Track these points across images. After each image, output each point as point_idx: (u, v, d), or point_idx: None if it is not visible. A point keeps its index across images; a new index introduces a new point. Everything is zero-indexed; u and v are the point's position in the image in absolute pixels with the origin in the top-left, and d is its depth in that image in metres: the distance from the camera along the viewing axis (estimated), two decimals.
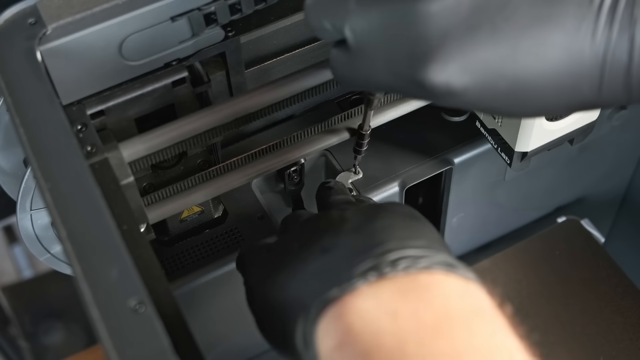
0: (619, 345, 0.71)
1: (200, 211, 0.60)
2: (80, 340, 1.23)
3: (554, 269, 0.76)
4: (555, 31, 0.34)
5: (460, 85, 0.36)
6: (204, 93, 0.56)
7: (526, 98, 0.36)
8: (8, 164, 0.57)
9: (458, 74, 0.36)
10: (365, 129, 0.58)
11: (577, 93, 0.35)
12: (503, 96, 0.36)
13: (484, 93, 0.36)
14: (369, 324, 0.34)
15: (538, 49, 0.35)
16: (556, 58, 0.35)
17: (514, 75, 0.35)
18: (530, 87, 0.36)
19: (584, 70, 0.35)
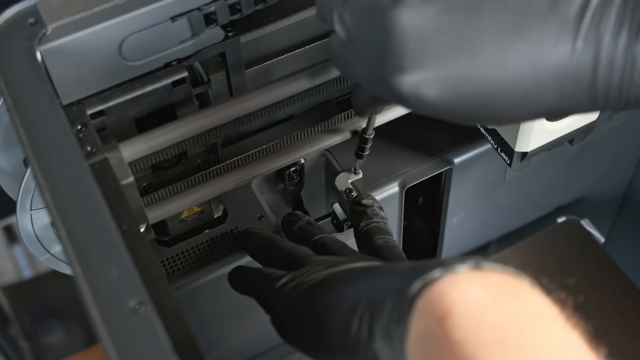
0: (619, 345, 0.71)
1: (200, 211, 0.60)
2: (80, 340, 1.23)
3: (554, 269, 0.76)
4: (519, 41, 0.35)
5: (429, 93, 0.37)
6: (204, 93, 0.56)
7: (493, 106, 0.37)
8: (8, 164, 0.57)
9: (426, 82, 0.37)
10: (369, 134, 0.58)
11: (543, 102, 0.36)
12: (471, 104, 0.37)
13: (452, 101, 0.37)
14: (473, 304, 0.34)
15: (502, 58, 0.35)
16: (520, 67, 0.35)
17: (480, 84, 0.36)
18: (496, 95, 0.36)
19: (548, 80, 0.35)
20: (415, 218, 0.78)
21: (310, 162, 0.64)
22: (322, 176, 0.66)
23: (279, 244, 0.51)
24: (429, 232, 0.78)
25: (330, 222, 0.62)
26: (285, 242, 0.52)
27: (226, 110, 0.51)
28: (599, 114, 0.62)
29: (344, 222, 0.61)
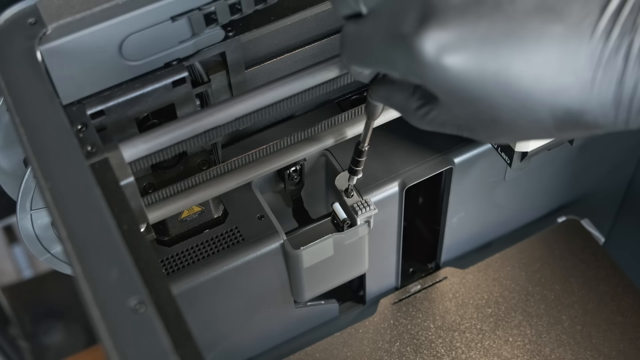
0: (619, 345, 0.71)
1: (200, 211, 0.60)
2: (80, 340, 1.23)
3: (554, 269, 0.76)
4: (556, 22, 0.34)
5: (451, 58, 0.35)
6: (204, 93, 0.56)
7: (511, 90, 0.35)
8: (8, 164, 0.57)
9: (452, 44, 0.35)
10: (364, 146, 0.56)
11: (565, 95, 0.34)
12: (489, 85, 0.35)
13: (471, 77, 0.35)
14: None
15: (535, 37, 0.34)
16: (551, 49, 0.34)
17: (505, 63, 0.34)
18: (518, 77, 0.34)
19: (577, 68, 0.34)
20: (415, 218, 0.78)
21: (310, 162, 0.64)
22: (322, 176, 0.66)
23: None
24: (429, 232, 0.78)
25: (330, 222, 0.62)
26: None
27: (226, 110, 0.51)
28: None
29: (344, 222, 0.61)
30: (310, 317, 0.72)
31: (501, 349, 0.71)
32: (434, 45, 0.35)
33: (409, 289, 0.75)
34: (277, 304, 0.67)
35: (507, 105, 0.36)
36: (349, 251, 0.63)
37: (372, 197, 0.62)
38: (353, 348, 0.71)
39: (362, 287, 0.74)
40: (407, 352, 0.71)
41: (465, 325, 0.72)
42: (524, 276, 0.75)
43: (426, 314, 0.73)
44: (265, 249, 0.60)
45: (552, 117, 0.35)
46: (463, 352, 0.71)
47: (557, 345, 0.71)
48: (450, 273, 0.76)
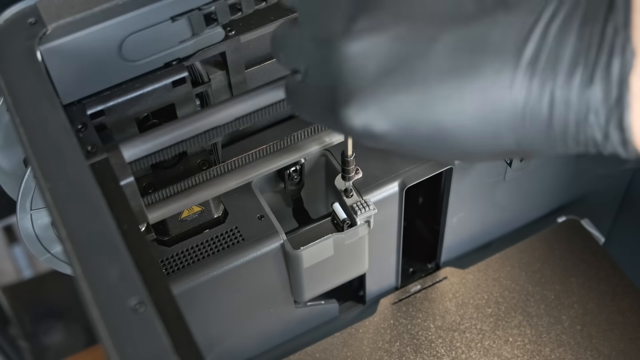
0: (619, 345, 0.71)
1: (200, 211, 0.60)
2: (80, 340, 1.23)
3: (554, 269, 0.76)
4: (473, 81, 0.34)
5: (379, 129, 0.36)
6: (204, 93, 0.56)
7: (447, 144, 0.36)
8: (8, 164, 0.57)
9: (376, 118, 0.36)
10: (349, 155, 0.57)
11: (497, 143, 0.35)
12: (424, 141, 0.36)
13: (404, 137, 0.36)
14: None
15: (455, 97, 0.34)
16: (473, 107, 0.34)
17: (432, 122, 0.35)
18: (450, 134, 0.35)
19: (503, 121, 0.34)
20: (415, 218, 0.78)
21: (310, 162, 0.64)
22: (322, 176, 0.66)
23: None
24: (429, 232, 0.78)
25: (330, 222, 0.62)
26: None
27: (226, 110, 0.51)
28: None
29: (343, 222, 0.61)
30: (310, 317, 0.72)
31: (501, 349, 0.71)
32: (360, 123, 0.36)
33: (409, 289, 0.75)
34: (277, 304, 0.67)
35: (444, 153, 0.37)
36: (349, 251, 0.63)
37: (372, 197, 0.62)
38: (353, 348, 0.71)
39: (362, 287, 0.74)
40: (407, 352, 0.71)
41: (465, 325, 0.72)
42: (524, 276, 0.75)
43: (426, 314, 0.73)
44: (265, 249, 0.60)
45: (491, 156, 0.36)
46: (463, 352, 0.71)
47: (557, 345, 0.71)
48: (450, 273, 0.76)
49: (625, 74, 0.31)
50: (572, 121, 0.33)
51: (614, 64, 0.31)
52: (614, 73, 0.31)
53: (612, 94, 0.32)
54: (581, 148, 0.34)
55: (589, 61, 0.32)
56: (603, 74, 0.32)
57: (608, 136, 0.33)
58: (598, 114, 0.32)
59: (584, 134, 0.33)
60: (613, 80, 0.31)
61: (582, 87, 0.32)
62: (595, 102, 0.32)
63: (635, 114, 0.32)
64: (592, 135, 0.33)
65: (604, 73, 0.32)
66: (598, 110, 0.32)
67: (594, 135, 0.33)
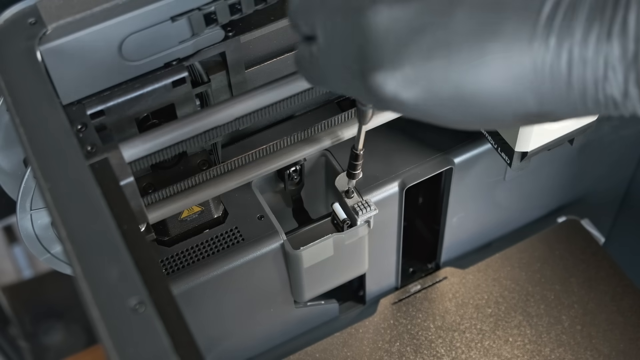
0: (619, 345, 0.71)
1: (200, 211, 0.60)
2: (80, 340, 1.23)
3: (554, 269, 0.76)
4: (494, 40, 0.34)
5: (407, 95, 0.37)
6: (204, 93, 0.56)
7: (472, 108, 0.36)
8: (8, 164, 0.57)
9: (404, 85, 0.36)
10: (360, 149, 0.56)
11: (521, 104, 0.35)
12: (450, 107, 0.37)
13: (431, 103, 0.37)
14: None
15: (478, 58, 0.35)
16: (496, 67, 0.35)
17: (457, 86, 0.36)
18: (474, 97, 0.36)
19: (525, 80, 0.34)
20: (415, 218, 0.78)
21: (310, 162, 0.64)
22: (322, 176, 0.66)
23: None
24: (429, 232, 0.78)
25: (330, 222, 0.62)
26: None
27: (226, 110, 0.51)
28: (599, 114, 0.62)
29: (343, 222, 0.61)
30: (310, 317, 0.72)
31: (501, 349, 0.71)
32: (390, 90, 0.37)
33: (409, 289, 0.75)
34: (277, 304, 0.67)
35: (468, 118, 0.37)
36: (349, 251, 0.63)
37: (372, 198, 0.62)
38: (353, 348, 0.71)
39: (362, 287, 0.74)
40: (407, 352, 0.71)
41: (465, 325, 0.72)
42: (524, 276, 0.75)
43: (426, 314, 0.73)
44: (265, 249, 0.60)
45: (514, 119, 0.37)
46: (463, 352, 0.71)
47: (557, 345, 0.71)
48: (450, 273, 0.76)
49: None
50: (590, 79, 0.33)
51: (630, 19, 0.32)
52: (631, 29, 0.32)
53: (629, 51, 0.32)
54: (601, 109, 0.34)
55: (605, 17, 0.32)
56: (620, 30, 0.32)
57: (627, 94, 0.33)
58: (616, 72, 0.32)
59: (603, 92, 0.33)
60: (630, 36, 0.32)
61: (599, 44, 0.32)
62: (613, 60, 0.32)
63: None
64: (611, 93, 0.33)
65: (620, 29, 0.32)
66: (616, 67, 0.32)
67: (612, 94, 0.33)
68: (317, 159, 0.64)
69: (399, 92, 0.37)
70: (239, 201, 0.62)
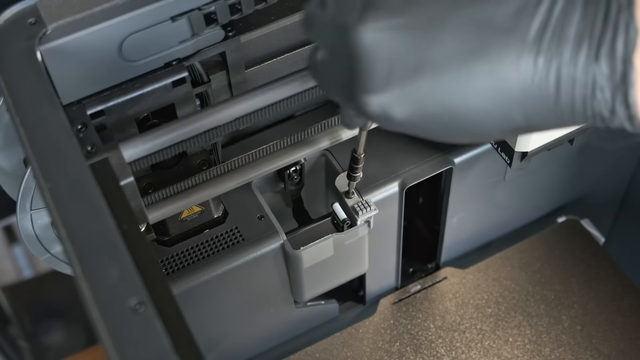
0: (619, 345, 0.71)
1: (200, 211, 0.60)
2: (80, 340, 1.23)
3: (554, 269, 0.76)
4: (481, 60, 0.34)
5: (394, 113, 0.37)
6: (204, 93, 0.56)
7: (460, 125, 0.37)
8: (8, 164, 0.57)
9: (391, 103, 0.37)
10: (360, 153, 0.56)
11: (508, 120, 0.36)
12: (438, 123, 0.37)
13: (419, 120, 0.37)
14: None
15: (465, 78, 0.35)
16: (484, 87, 0.35)
17: (445, 104, 0.36)
18: (462, 115, 0.36)
19: (513, 99, 0.35)
20: (415, 218, 0.78)
21: (310, 162, 0.64)
22: (322, 176, 0.66)
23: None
24: (429, 232, 0.78)
25: (330, 222, 0.62)
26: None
27: (226, 110, 0.51)
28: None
29: (343, 222, 0.61)
30: (310, 317, 0.72)
31: (501, 349, 0.71)
32: (377, 108, 0.37)
33: (409, 289, 0.75)
34: (277, 304, 0.67)
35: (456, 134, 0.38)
36: (349, 251, 0.63)
37: (372, 198, 0.62)
38: (353, 348, 0.71)
39: (362, 287, 0.74)
40: (407, 352, 0.71)
41: (465, 325, 0.72)
42: (524, 276, 0.75)
43: (426, 314, 0.73)
44: (265, 249, 0.60)
45: (501, 133, 0.37)
46: (463, 352, 0.71)
47: (557, 345, 0.71)
48: (450, 273, 0.76)
49: (629, 52, 0.32)
50: (578, 97, 0.34)
51: (618, 42, 0.32)
52: (618, 51, 0.32)
53: (617, 72, 0.32)
54: (589, 123, 0.35)
55: (594, 39, 0.32)
56: (608, 51, 0.32)
57: (614, 112, 0.33)
58: (604, 91, 0.33)
59: (591, 109, 0.34)
60: (617, 57, 0.32)
61: (587, 64, 0.33)
62: (601, 79, 0.33)
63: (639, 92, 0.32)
64: (599, 110, 0.34)
65: (608, 51, 0.32)
66: (604, 87, 0.33)
67: (600, 111, 0.34)
68: (317, 159, 0.64)
69: (387, 110, 0.37)
70: (239, 201, 0.62)
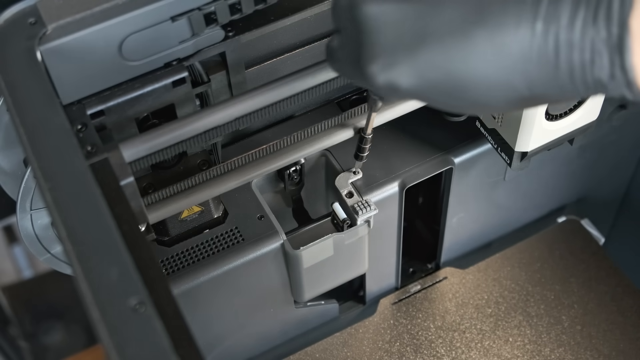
0: (619, 345, 0.71)
1: (200, 211, 0.60)
2: (80, 340, 1.23)
3: (554, 269, 0.76)
4: (480, 26, 0.35)
5: (401, 84, 0.38)
6: (204, 93, 0.56)
7: (465, 93, 0.37)
8: (8, 164, 0.57)
9: (398, 74, 0.38)
10: (368, 133, 0.58)
11: (512, 88, 0.36)
12: (443, 92, 0.38)
13: (425, 90, 0.38)
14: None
15: (466, 45, 0.36)
16: (485, 53, 0.35)
17: (450, 72, 0.37)
18: (466, 82, 0.37)
19: (514, 65, 0.35)
20: (415, 218, 0.78)
21: (310, 162, 0.64)
22: (322, 176, 0.66)
23: None
24: (429, 232, 0.78)
25: (330, 222, 0.62)
26: None
27: (226, 110, 0.51)
28: (599, 114, 0.62)
29: (343, 222, 0.61)
30: (310, 317, 0.72)
31: (501, 349, 0.71)
32: (384, 80, 0.39)
33: (409, 289, 0.75)
34: (277, 304, 0.67)
35: (462, 103, 0.38)
36: (349, 251, 0.63)
37: (372, 197, 0.62)
38: (353, 348, 0.71)
39: (362, 287, 0.74)
40: (407, 352, 0.71)
41: (465, 325, 0.72)
42: (524, 276, 0.75)
43: (426, 314, 0.73)
44: (265, 249, 0.60)
45: (507, 103, 0.37)
46: (463, 352, 0.71)
47: (557, 345, 0.71)
48: (450, 273, 0.76)
49: (625, 14, 0.32)
50: (577, 63, 0.34)
51: (614, 3, 0.32)
52: (615, 13, 0.32)
53: (613, 35, 0.32)
54: (590, 91, 0.35)
55: (591, 2, 0.33)
56: (605, 14, 0.32)
57: (614, 77, 0.33)
58: (602, 56, 0.33)
59: (591, 75, 0.34)
60: (614, 21, 0.32)
61: (584, 28, 0.33)
62: (599, 44, 0.33)
63: (637, 56, 0.32)
64: (599, 76, 0.34)
65: (605, 13, 0.32)
66: (602, 51, 0.33)
67: (600, 77, 0.34)
68: (317, 159, 0.64)
69: (393, 80, 0.38)
70: (239, 201, 0.62)
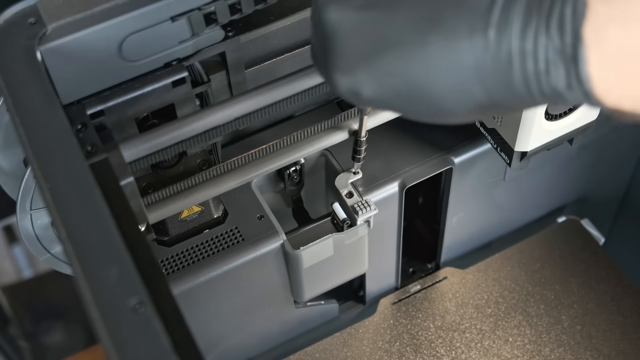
0: (619, 345, 0.71)
1: (200, 211, 0.60)
2: (80, 340, 1.23)
3: (554, 269, 0.76)
4: (435, 34, 0.35)
5: (362, 91, 0.38)
6: (204, 93, 0.56)
7: (425, 101, 0.37)
8: (8, 164, 0.57)
9: (359, 82, 0.38)
10: (362, 135, 0.58)
11: (469, 95, 0.35)
12: (405, 100, 0.37)
13: (385, 97, 0.38)
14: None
15: (422, 52, 0.35)
16: (440, 61, 0.35)
17: (408, 79, 0.36)
18: (425, 90, 0.36)
19: (469, 73, 0.34)
20: (415, 218, 0.78)
21: (310, 162, 0.64)
22: (322, 176, 0.66)
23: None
24: (429, 232, 0.78)
25: (330, 222, 0.62)
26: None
27: (226, 110, 0.51)
28: (599, 114, 0.62)
29: (343, 222, 0.61)
30: (310, 317, 0.72)
31: (501, 349, 0.71)
32: (346, 87, 0.38)
33: (409, 289, 0.75)
34: (277, 304, 0.67)
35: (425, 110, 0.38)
36: (349, 251, 0.63)
37: (372, 197, 0.62)
38: (353, 348, 0.71)
39: (362, 287, 0.74)
40: (407, 352, 0.71)
41: (465, 325, 0.73)
42: (524, 276, 0.75)
43: (426, 314, 0.73)
44: (265, 249, 0.60)
45: (468, 110, 0.37)
46: (463, 352, 0.71)
47: (557, 345, 0.71)
48: (450, 273, 0.76)
49: (577, 24, 0.31)
50: (531, 72, 0.33)
51: (566, 14, 0.31)
52: (567, 23, 0.31)
53: (567, 45, 0.31)
54: (549, 100, 0.34)
55: (543, 11, 0.32)
56: (557, 24, 0.32)
57: (571, 87, 0.32)
58: (557, 66, 0.32)
59: (547, 85, 0.33)
60: (567, 30, 0.31)
61: (537, 37, 0.32)
62: (553, 54, 0.32)
63: (592, 66, 0.31)
64: (555, 86, 0.33)
65: (557, 23, 0.32)
66: (556, 61, 0.32)
67: (556, 87, 0.33)
68: (317, 159, 0.64)
69: (354, 88, 0.38)
70: (239, 201, 0.62)
